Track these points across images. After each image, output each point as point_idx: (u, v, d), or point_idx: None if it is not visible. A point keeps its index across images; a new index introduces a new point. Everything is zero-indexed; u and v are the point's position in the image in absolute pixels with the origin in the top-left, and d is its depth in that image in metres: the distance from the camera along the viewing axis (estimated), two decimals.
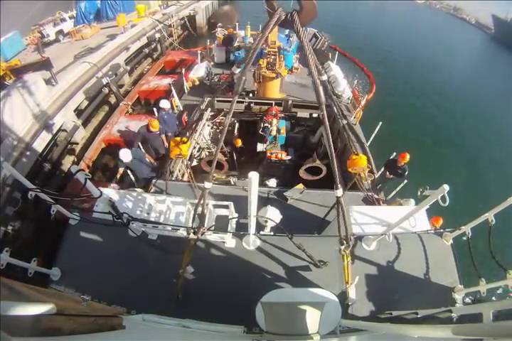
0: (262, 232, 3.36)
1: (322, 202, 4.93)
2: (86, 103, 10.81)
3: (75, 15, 16.47)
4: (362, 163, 2.82)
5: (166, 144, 7.15)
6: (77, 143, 9.68)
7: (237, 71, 2.19)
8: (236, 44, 11.42)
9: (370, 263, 3.04)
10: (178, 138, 3.24)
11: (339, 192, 2.28)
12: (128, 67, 13.75)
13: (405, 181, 4.93)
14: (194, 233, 2.46)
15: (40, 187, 2.48)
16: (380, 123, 6.32)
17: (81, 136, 9.85)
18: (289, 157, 7.25)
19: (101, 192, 2.35)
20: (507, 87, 19.14)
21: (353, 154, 2.70)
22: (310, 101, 8.24)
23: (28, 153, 7.73)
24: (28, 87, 8.39)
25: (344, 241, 2.41)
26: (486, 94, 17.40)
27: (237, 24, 13.80)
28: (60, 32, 15.06)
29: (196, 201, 3.60)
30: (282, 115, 7.76)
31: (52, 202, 2.63)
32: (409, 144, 11.01)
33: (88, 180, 2.19)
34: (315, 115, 7.89)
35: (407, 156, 5.76)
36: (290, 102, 7.70)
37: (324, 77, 2.04)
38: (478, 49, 30.67)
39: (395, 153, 5.75)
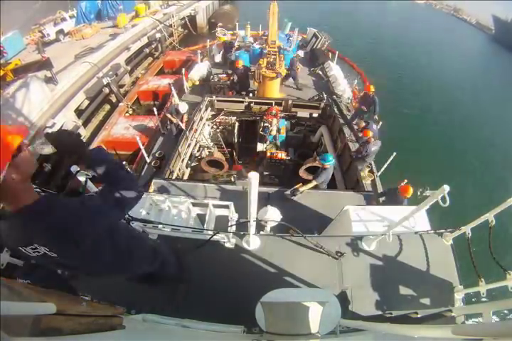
0: (262, 232, 3.37)
1: (322, 201, 4.94)
2: (86, 103, 10.83)
3: (75, 15, 16.45)
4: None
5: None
6: None
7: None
8: (236, 44, 11.43)
9: (370, 263, 3.04)
10: None
11: None
12: (128, 67, 13.76)
13: (405, 181, 4.95)
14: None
15: (40, 187, 2.47)
16: (380, 123, 6.31)
17: (81, 135, 9.85)
18: (289, 157, 7.25)
19: None
20: (507, 88, 19.10)
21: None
22: (310, 101, 8.24)
23: None
24: (28, 87, 8.40)
25: None
26: (486, 94, 17.38)
27: (237, 24, 13.81)
28: (61, 31, 15.05)
29: (196, 200, 3.62)
30: (282, 115, 7.77)
31: None
32: (410, 144, 11.02)
33: (89, 180, 2.19)
34: (315, 115, 7.89)
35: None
36: (290, 102, 7.70)
37: None
38: (478, 49, 30.62)
39: (395, 153, 5.75)
